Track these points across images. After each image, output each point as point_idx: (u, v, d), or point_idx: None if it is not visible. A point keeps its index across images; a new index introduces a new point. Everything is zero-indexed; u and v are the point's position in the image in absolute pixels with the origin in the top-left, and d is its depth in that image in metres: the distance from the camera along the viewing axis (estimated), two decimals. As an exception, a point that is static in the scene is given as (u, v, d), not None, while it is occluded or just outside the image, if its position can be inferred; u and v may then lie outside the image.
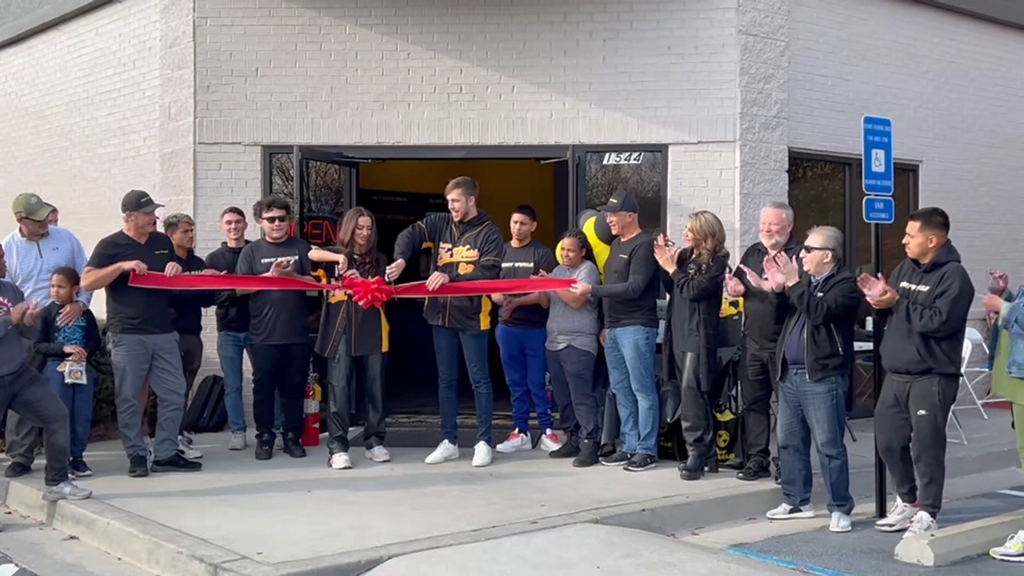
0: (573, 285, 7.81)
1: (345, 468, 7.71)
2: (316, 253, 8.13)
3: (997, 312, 6.39)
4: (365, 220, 8.00)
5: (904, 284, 6.53)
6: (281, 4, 9.68)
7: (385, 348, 8.05)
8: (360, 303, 7.75)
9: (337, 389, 7.96)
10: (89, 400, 7.68)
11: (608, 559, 5.58)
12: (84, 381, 7.40)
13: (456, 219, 7.99)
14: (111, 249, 7.50)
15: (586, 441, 8.03)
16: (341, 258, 7.82)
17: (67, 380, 7.32)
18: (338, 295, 7.94)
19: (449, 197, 7.98)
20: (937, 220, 6.53)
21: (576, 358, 8.02)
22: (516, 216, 8.45)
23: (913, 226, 6.53)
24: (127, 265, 7.35)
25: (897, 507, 6.75)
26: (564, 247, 8.14)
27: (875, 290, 6.44)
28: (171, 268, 7.50)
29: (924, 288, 6.41)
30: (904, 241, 6.59)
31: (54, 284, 7.56)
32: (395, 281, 7.82)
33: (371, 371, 8.04)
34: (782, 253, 6.95)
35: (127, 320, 7.48)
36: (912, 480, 6.63)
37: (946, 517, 6.60)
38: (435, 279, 7.72)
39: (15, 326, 6.60)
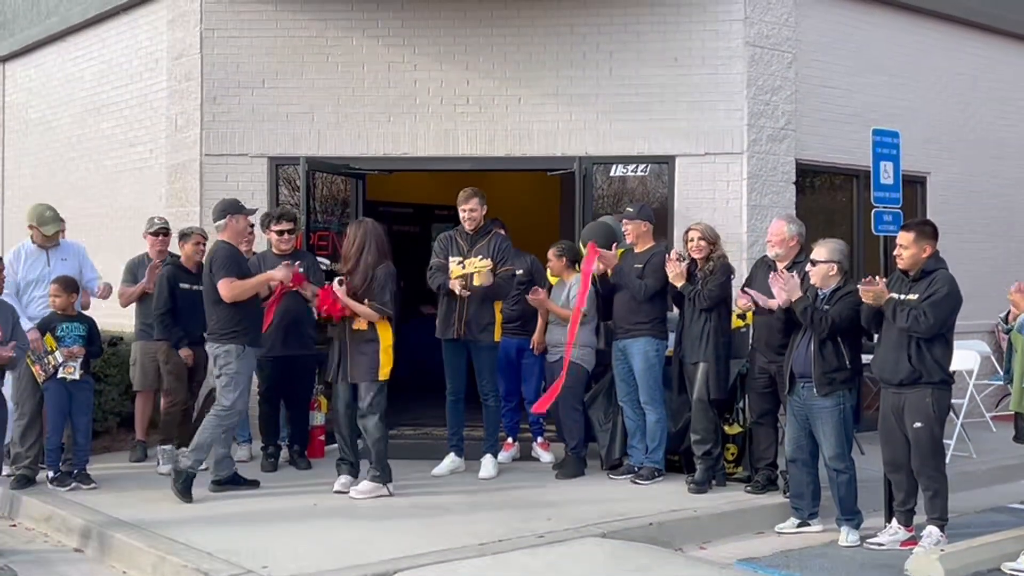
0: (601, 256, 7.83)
1: (341, 492, 7.32)
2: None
3: (1019, 312, 6.32)
4: (349, 228, 7.62)
5: (892, 295, 6.48)
6: (288, 16, 9.69)
7: (382, 377, 7.22)
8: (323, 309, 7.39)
9: (340, 414, 7.52)
10: (87, 411, 7.65)
11: (616, 574, 5.54)
12: (76, 376, 7.42)
13: (470, 228, 7.97)
14: (241, 258, 7.53)
15: (570, 454, 8.01)
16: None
17: (60, 375, 7.36)
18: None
19: (467, 207, 7.95)
20: (929, 231, 6.52)
21: (570, 370, 7.93)
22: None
23: (907, 237, 6.46)
24: (277, 275, 7.43)
25: (890, 528, 6.67)
26: (548, 258, 8.34)
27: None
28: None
29: (913, 297, 6.37)
30: (896, 253, 6.54)
31: (51, 293, 7.56)
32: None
33: (362, 399, 7.27)
34: (782, 271, 6.92)
35: (247, 332, 7.23)
36: (916, 497, 6.59)
37: (955, 532, 6.55)
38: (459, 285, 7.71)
39: None
